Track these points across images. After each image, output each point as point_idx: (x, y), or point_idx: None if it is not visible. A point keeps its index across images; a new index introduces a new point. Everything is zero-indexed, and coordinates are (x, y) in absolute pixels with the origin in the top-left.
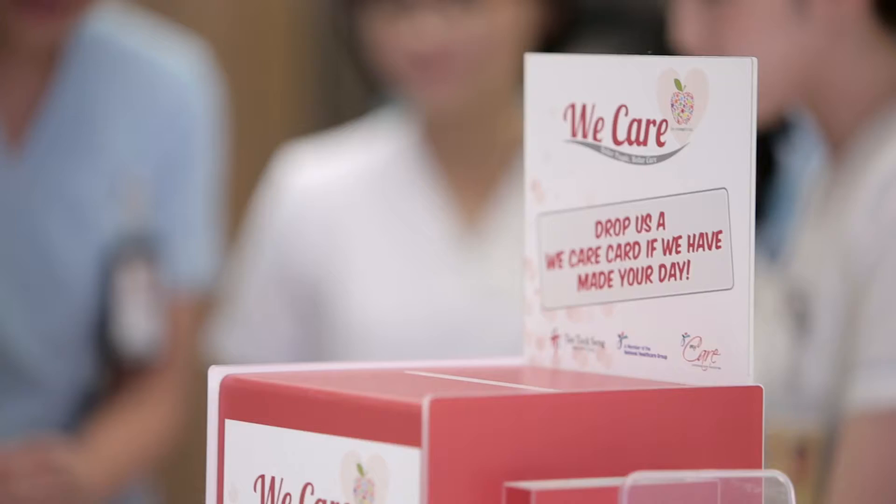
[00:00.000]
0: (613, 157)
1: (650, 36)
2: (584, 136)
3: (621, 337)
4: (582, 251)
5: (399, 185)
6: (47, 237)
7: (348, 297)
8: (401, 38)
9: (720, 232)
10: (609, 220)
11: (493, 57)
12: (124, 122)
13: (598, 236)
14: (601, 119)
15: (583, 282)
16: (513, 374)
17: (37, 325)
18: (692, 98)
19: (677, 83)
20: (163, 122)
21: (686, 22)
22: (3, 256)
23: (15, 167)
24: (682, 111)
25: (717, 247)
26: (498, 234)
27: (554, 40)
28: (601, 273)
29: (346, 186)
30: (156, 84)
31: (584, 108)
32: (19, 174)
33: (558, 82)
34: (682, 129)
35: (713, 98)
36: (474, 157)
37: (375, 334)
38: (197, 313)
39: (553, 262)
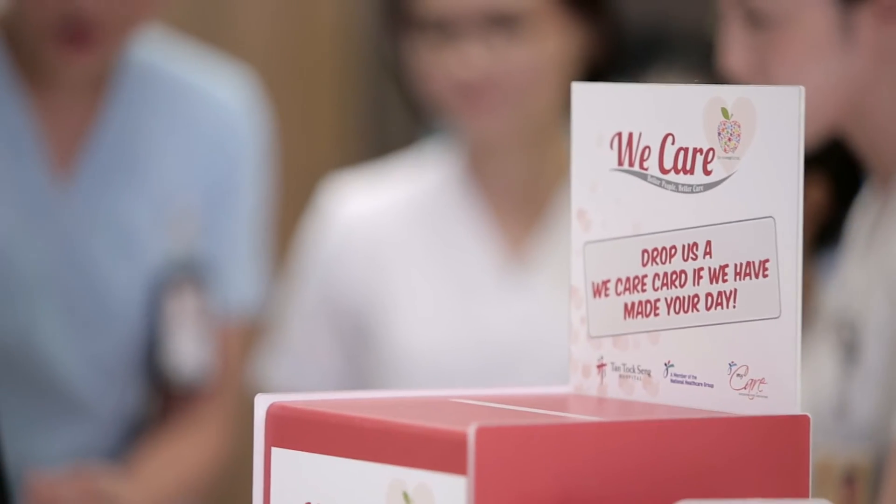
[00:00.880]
0: (660, 185)
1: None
2: (631, 164)
3: (667, 365)
4: (628, 279)
5: (444, 214)
6: (96, 265)
7: (393, 326)
8: (446, 67)
9: (767, 260)
10: (655, 249)
11: (538, 86)
12: (172, 150)
13: (644, 265)
14: (648, 147)
15: (629, 310)
16: (559, 403)
17: (85, 352)
18: (739, 127)
19: (724, 112)
20: (210, 149)
21: (733, 48)
22: (53, 284)
23: (64, 195)
24: (729, 140)
25: (764, 275)
26: (543, 263)
27: (598, 69)
28: (647, 301)
29: (390, 216)
30: (203, 111)
31: (630, 136)
32: (68, 202)
33: (605, 111)
34: (729, 158)
35: (760, 127)
36: (519, 185)
37: (420, 363)
38: (244, 340)
39: (599, 290)
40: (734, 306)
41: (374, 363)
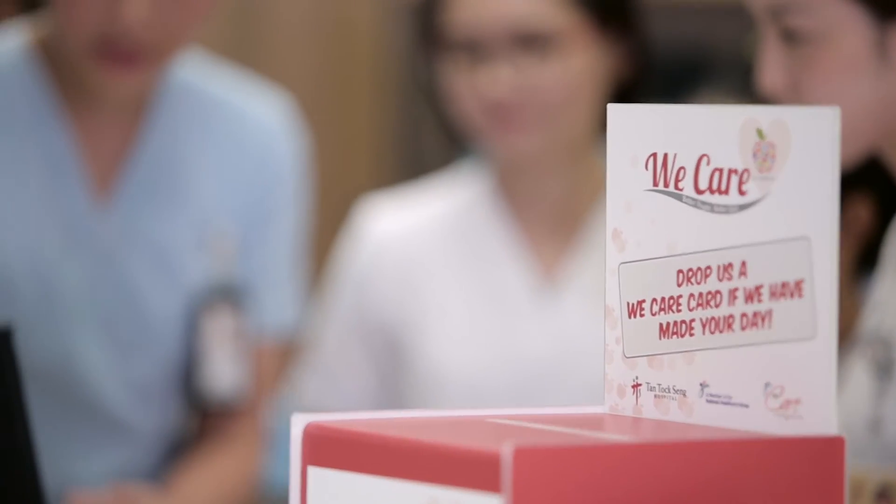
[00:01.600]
0: (695, 206)
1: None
2: (666, 185)
3: (703, 386)
4: (663, 300)
5: (477, 233)
6: (135, 286)
7: (426, 345)
8: (476, 88)
9: (802, 281)
10: (691, 269)
11: (569, 105)
12: (212, 170)
13: (679, 285)
14: (683, 168)
15: (664, 330)
16: (594, 423)
17: (124, 372)
18: (774, 147)
19: (759, 132)
20: (250, 168)
21: (768, 67)
22: (93, 305)
23: (104, 216)
24: (764, 160)
25: (800, 296)
26: (577, 282)
27: (629, 88)
28: (682, 321)
29: (421, 235)
30: (243, 131)
31: (665, 157)
32: (108, 223)
33: (640, 131)
34: (764, 179)
35: (795, 147)
36: (553, 205)
37: (453, 382)
38: (281, 360)
39: (634, 310)
40: (769, 327)
41: (407, 382)
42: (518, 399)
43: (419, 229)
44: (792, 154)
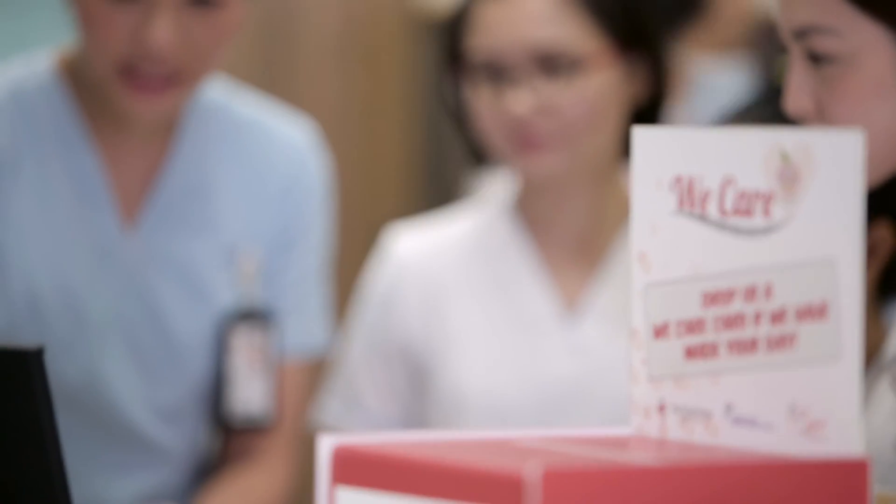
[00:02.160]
0: (720, 228)
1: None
2: (692, 207)
3: (728, 407)
4: (689, 322)
5: (497, 254)
6: (162, 308)
7: (447, 366)
8: (499, 109)
9: (827, 303)
10: (716, 291)
11: (590, 127)
12: (240, 191)
13: (704, 307)
14: (708, 191)
15: (689, 352)
16: (620, 444)
17: (152, 394)
18: (799, 170)
19: (784, 156)
20: (279, 189)
21: (794, 88)
22: (122, 328)
23: (131, 239)
24: (789, 183)
25: (825, 318)
26: (599, 305)
27: (648, 111)
28: (708, 343)
29: (443, 255)
30: (272, 152)
31: (691, 179)
32: (135, 246)
33: (665, 154)
34: (789, 201)
35: (820, 170)
36: (576, 227)
37: (475, 404)
38: (309, 381)
39: (660, 332)
40: (794, 349)
41: (429, 403)
42: (540, 422)
43: (441, 249)
44: (817, 177)
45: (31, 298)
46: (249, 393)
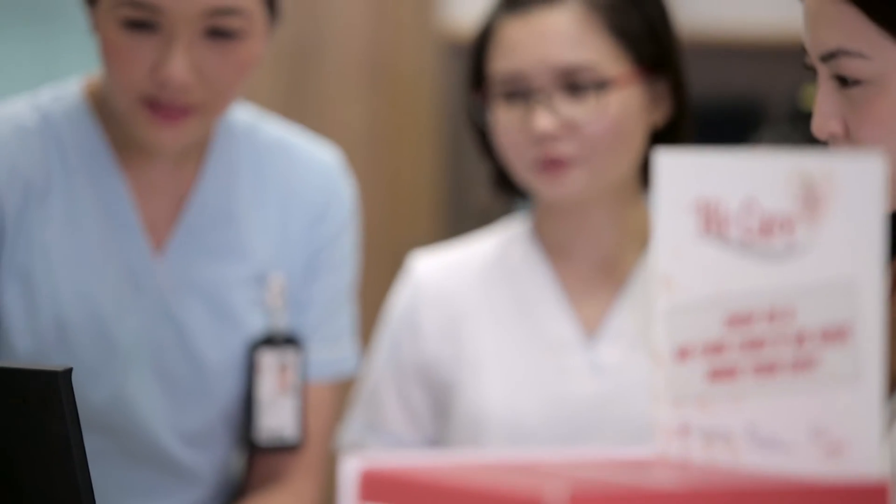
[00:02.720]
0: (743, 251)
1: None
2: (714, 230)
3: (750, 430)
4: (711, 344)
5: (515, 276)
6: (191, 334)
7: (468, 388)
8: (523, 128)
9: (849, 326)
10: (738, 314)
11: (613, 148)
12: (269, 215)
13: (727, 329)
14: (730, 213)
15: (712, 374)
16: (644, 467)
17: (180, 418)
18: (821, 193)
19: (806, 179)
20: (308, 211)
21: (821, 110)
22: (149, 353)
23: (159, 264)
24: (812, 206)
25: (846, 341)
26: (618, 327)
27: (668, 134)
28: (730, 366)
29: (460, 275)
30: (302, 172)
31: (713, 202)
32: (164, 272)
33: (688, 177)
34: (812, 224)
35: (843, 193)
36: (598, 248)
37: (494, 426)
38: (336, 404)
39: (682, 355)
40: (816, 371)
41: (450, 425)
42: (561, 443)
43: (460, 271)
44: (838, 199)
45: (59, 324)
46: (278, 416)
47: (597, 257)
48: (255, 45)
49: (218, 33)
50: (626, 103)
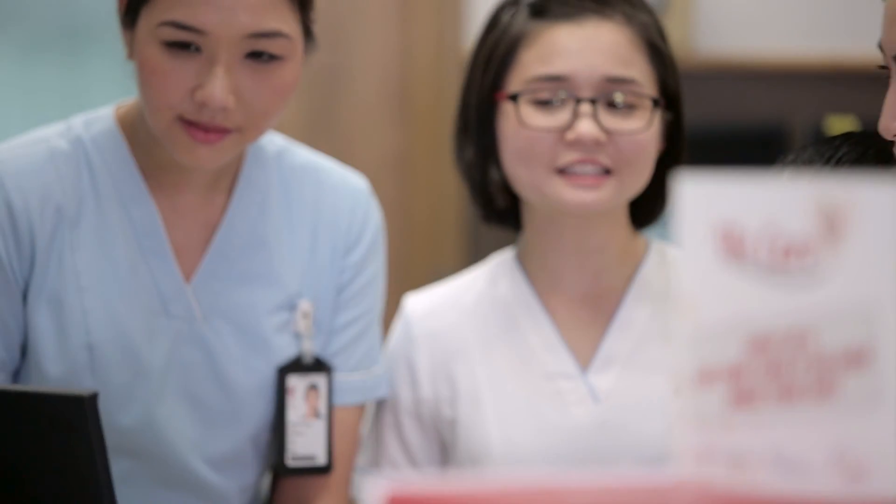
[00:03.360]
0: (765, 275)
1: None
2: (736, 254)
3: (772, 454)
4: (733, 368)
5: (506, 306)
6: (221, 360)
7: (465, 423)
8: (550, 134)
9: (870, 350)
10: (759, 339)
11: (639, 164)
12: (299, 240)
13: (748, 354)
14: (752, 238)
15: (734, 398)
16: (665, 493)
17: (210, 443)
18: (843, 218)
19: (828, 204)
20: (338, 236)
21: (889, 109)
22: (178, 379)
23: (190, 291)
24: (833, 231)
25: (867, 365)
26: (615, 351)
27: (663, 166)
28: (752, 390)
29: (450, 312)
30: (332, 196)
31: (735, 226)
32: (194, 298)
33: (711, 201)
34: (833, 249)
35: (863, 218)
36: (583, 275)
37: (497, 458)
38: (361, 427)
39: (703, 379)
40: (838, 394)
41: (449, 460)
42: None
43: (448, 307)
44: (860, 225)
45: (89, 348)
46: (307, 440)
47: (587, 283)
48: (293, 70)
49: (258, 56)
50: (653, 129)
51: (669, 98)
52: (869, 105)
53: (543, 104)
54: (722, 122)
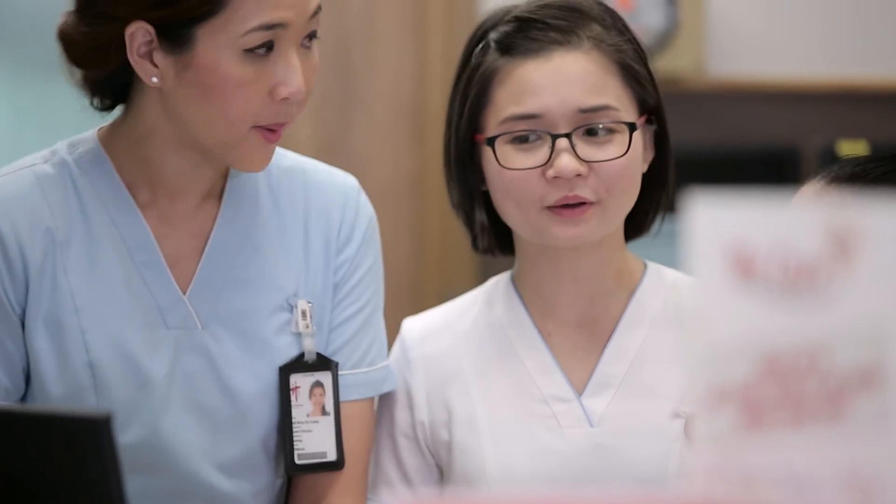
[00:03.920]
0: (775, 296)
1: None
2: (746, 274)
3: (784, 473)
4: (745, 388)
5: (501, 330)
6: (223, 366)
7: (460, 450)
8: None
9: (881, 371)
10: (771, 358)
11: (624, 191)
12: (292, 241)
13: (759, 374)
14: (764, 258)
15: (746, 418)
16: None
17: (219, 450)
18: (855, 240)
19: (839, 225)
20: (331, 232)
21: None
22: (182, 388)
23: (187, 302)
24: (844, 253)
25: (879, 385)
26: (611, 374)
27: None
28: (764, 409)
29: (445, 336)
30: (322, 195)
31: (747, 248)
32: (192, 307)
33: (721, 221)
34: (844, 271)
35: (874, 241)
36: (578, 298)
37: (494, 481)
38: (374, 418)
39: (715, 399)
40: (850, 414)
41: (446, 483)
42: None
43: (443, 331)
44: (871, 247)
45: (91, 367)
46: (314, 438)
47: (582, 308)
48: (317, 53)
49: (311, 38)
50: (637, 147)
51: (650, 111)
52: (880, 128)
53: (521, 142)
54: (734, 144)
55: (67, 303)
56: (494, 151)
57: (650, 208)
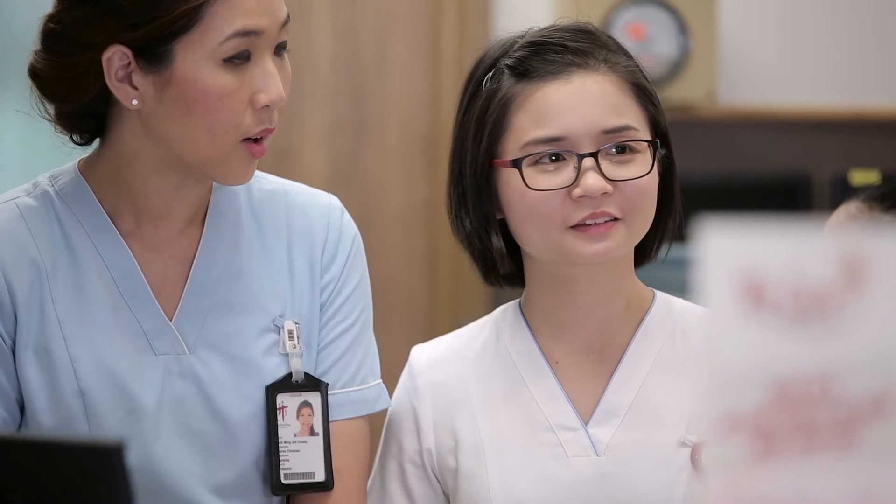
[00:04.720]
0: (786, 323)
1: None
2: (760, 302)
3: (796, 500)
4: (755, 416)
5: (508, 359)
6: (212, 390)
7: (467, 477)
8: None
9: (893, 396)
10: (782, 385)
11: (645, 211)
12: (276, 262)
13: (771, 401)
14: (776, 285)
15: (758, 445)
16: None
17: (212, 473)
18: (865, 268)
19: (852, 251)
20: (315, 253)
21: None
22: (172, 413)
23: (174, 327)
24: (856, 281)
25: (890, 412)
26: (619, 401)
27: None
28: (777, 435)
29: (453, 363)
30: (304, 216)
31: (759, 275)
32: (178, 332)
33: (733, 249)
34: (858, 298)
35: (886, 269)
36: (587, 324)
37: None
38: (367, 436)
39: (727, 426)
40: (862, 440)
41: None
42: None
43: (452, 358)
44: (882, 275)
45: (80, 395)
46: (302, 458)
47: (591, 336)
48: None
49: (282, 48)
50: (655, 167)
51: (661, 135)
52: (892, 156)
53: (545, 165)
54: (745, 173)
55: (56, 332)
56: (522, 173)
57: (658, 234)
